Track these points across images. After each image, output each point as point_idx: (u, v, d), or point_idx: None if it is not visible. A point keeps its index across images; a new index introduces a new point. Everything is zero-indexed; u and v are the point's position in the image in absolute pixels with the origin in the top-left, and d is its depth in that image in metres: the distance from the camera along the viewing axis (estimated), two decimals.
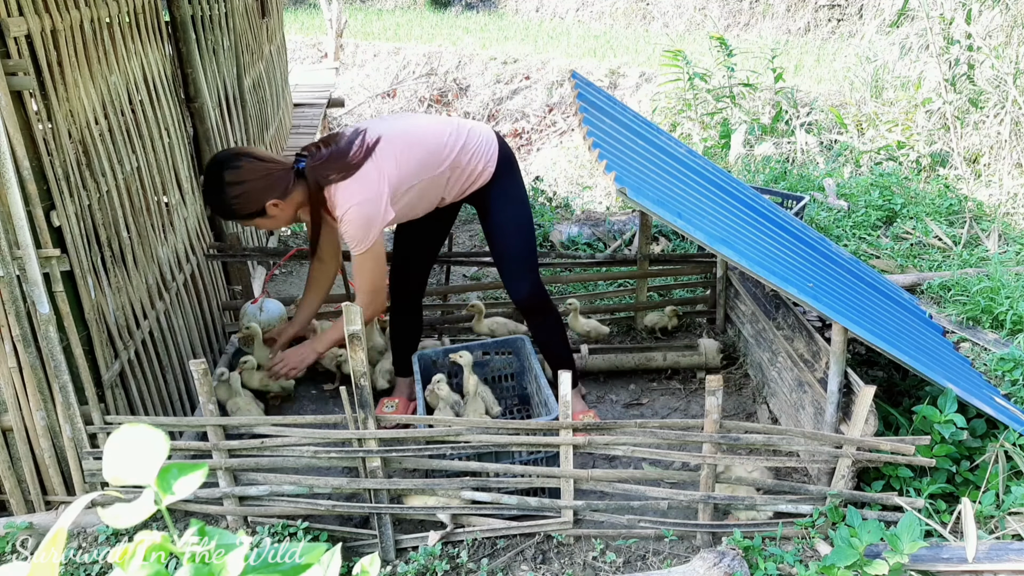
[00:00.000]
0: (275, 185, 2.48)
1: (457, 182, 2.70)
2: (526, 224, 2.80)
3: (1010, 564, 2.09)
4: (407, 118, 2.73)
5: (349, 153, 2.48)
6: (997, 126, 5.91)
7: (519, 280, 2.83)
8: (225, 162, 2.48)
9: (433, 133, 2.63)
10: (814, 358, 2.71)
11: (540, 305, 2.88)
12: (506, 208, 2.77)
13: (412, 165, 2.56)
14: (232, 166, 2.46)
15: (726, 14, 14.08)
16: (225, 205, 2.50)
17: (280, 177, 2.49)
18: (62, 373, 2.39)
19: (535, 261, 2.85)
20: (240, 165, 2.46)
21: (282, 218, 2.58)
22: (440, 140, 2.62)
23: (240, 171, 2.46)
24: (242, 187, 2.46)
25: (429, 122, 2.70)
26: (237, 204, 2.49)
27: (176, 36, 3.64)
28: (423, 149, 2.59)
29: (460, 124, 2.72)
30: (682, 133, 7.40)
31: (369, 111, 12.18)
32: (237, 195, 2.47)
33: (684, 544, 2.41)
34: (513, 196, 2.78)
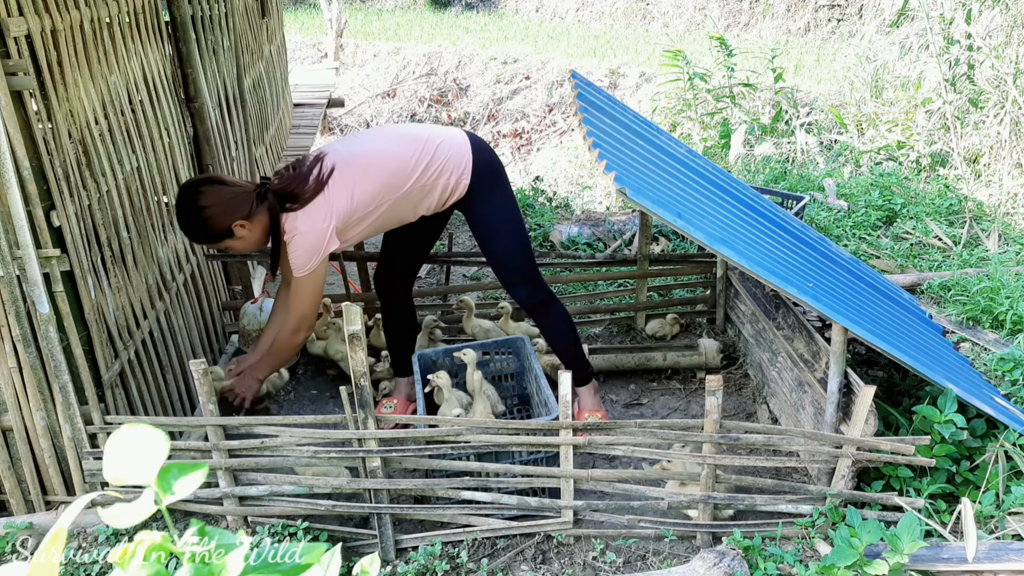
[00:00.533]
0: (239, 207, 2.58)
1: (430, 198, 2.69)
2: (513, 229, 2.76)
3: (1010, 564, 2.09)
4: (371, 140, 2.72)
5: (307, 181, 2.55)
6: (997, 126, 5.90)
7: (516, 285, 2.84)
8: (191, 188, 2.61)
9: (395, 156, 2.61)
10: (814, 358, 2.71)
11: (543, 306, 2.88)
12: (489, 216, 2.74)
13: (368, 192, 2.58)
14: (198, 191, 2.59)
15: (726, 14, 14.08)
16: (195, 228, 2.62)
17: (243, 199, 2.58)
18: (62, 373, 2.39)
19: (531, 264, 2.82)
20: (203, 190, 2.59)
21: (251, 240, 2.65)
22: (402, 163, 2.61)
23: (204, 195, 2.57)
24: (208, 210, 2.56)
25: (392, 144, 2.66)
26: (205, 226, 2.59)
27: (176, 36, 3.64)
28: (383, 174, 2.59)
29: (429, 139, 2.66)
30: (682, 133, 7.40)
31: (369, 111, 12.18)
32: (205, 218, 2.57)
33: (684, 544, 2.41)
34: (496, 204, 2.74)
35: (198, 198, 2.57)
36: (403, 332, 3.14)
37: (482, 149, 2.74)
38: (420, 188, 2.64)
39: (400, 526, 2.51)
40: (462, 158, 2.67)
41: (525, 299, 2.85)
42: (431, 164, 2.63)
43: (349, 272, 4.18)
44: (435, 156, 2.64)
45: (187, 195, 2.60)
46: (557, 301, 2.93)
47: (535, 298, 2.85)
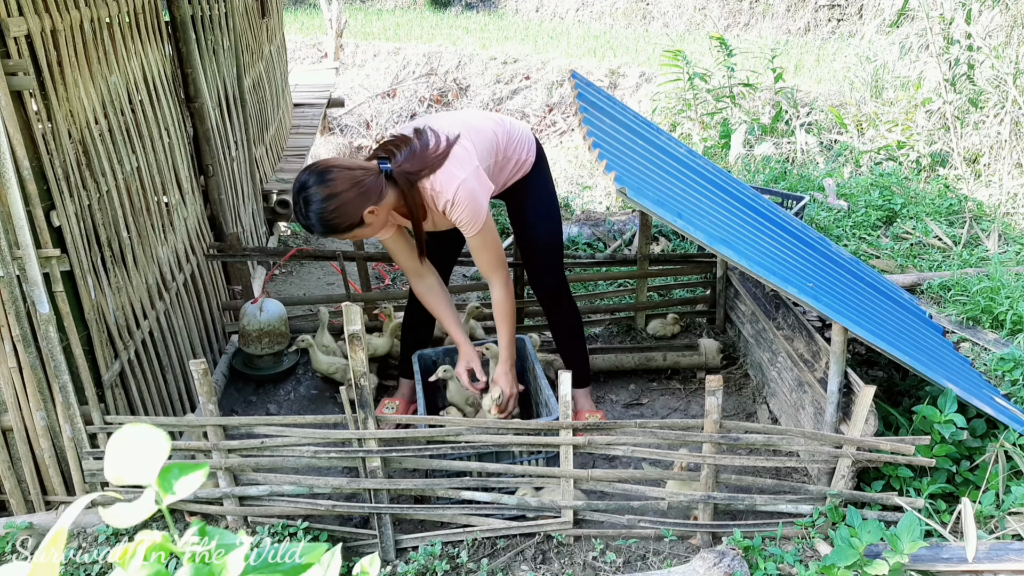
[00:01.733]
0: (369, 192, 2.36)
1: (504, 171, 2.73)
2: (556, 217, 2.86)
3: (1010, 564, 2.09)
4: (456, 113, 2.76)
5: (430, 146, 2.46)
6: (997, 126, 5.90)
7: (547, 272, 2.88)
8: (318, 176, 2.34)
9: (486, 123, 2.68)
10: (814, 358, 2.71)
11: (563, 299, 2.94)
12: (541, 200, 2.82)
13: (483, 148, 2.59)
14: (324, 180, 2.33)
15: (726, 14, 14.08)
16: (323, 222, 2.35)
17: (372, 183, 2.37)
18: (62, 373, 2.39)
19: (561, 256, 2.91)
20: (332, 178, 2.33)
21: (377, 224, 2.45)
22: (493, 128, 2.67)
23: (333, 183, 2.32)
24: (338, 199, 2.32)
25: (476, 114, 2.75)
26: (336, 218, 2.34)
27: (176, 36, 3.64)
28: (485, 134, 2.63)
29: (501, 118, 2.78)
30: (682, 133, 7.39)
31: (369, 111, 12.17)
32: (334, 208, 2.32)
33: (684, 544, 2.41)
34: (546, 190, 2.84)
35: (327, 188, 2.31)
36: (420, 335, 3.13)
37: (537, 139, 2.85)
38: (505, 159, 2.69)
39: (400, 526, 2.51)
40: (529, 137, 2.79)
41: (550, 288, 2.90)
42: (511, 136, 2.70)
43: (349, 272, 4.18)
44: (511, 131, 2.72)
45: (314, 184, 2.32)
46: (574, 302, 3.00)
47: (559, 290, 2.92)
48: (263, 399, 3.33)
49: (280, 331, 3.33)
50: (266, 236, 5.14)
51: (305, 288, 4.80)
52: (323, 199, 2.31)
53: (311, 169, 2.38)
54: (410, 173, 2.42)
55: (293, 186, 2.39)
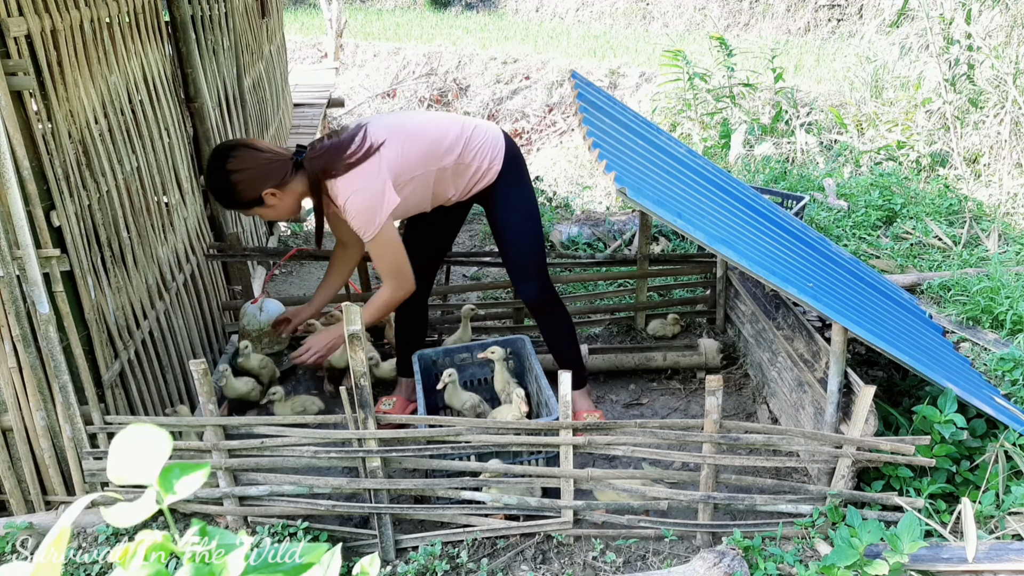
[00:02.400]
0: (272, 174, 2.52)
1: (462, 178, 2.70)
2: (533, 224, 2.80)
3: (1010, 564, 2.09)
4: (411, 113, 2.76)
5: (349, 148, 2.50)
6: (997, 126, 5.91)
7: (528, 280, 2.84)
8: (225, 151, 2.54)
9: (437, 127, 2.66)
10: (814, 358, 2.71)
11: (549, 305, 2.89)
12: (513, 207, 2.78)
13: (415, 155, 2.58)
14: (232, 155, 2.51)
15: (726, 14, 14.08)
16: (225, 192, 2.54)
17: (278, 166, 2.53)
18: (62, 373, 2.39)
19: (543, 261, 2.86)
20: (238, 154, 2.52)
21: (282, 208, 2.60)
22: (443, 133, 2.64)
23: (239, 159, 2.50)
24: (240, 175, 2.50)
25: (432, 117, 2.73)
26: (236, 192, 2.52)
27: (176, 36, 3.64)
28: (426, 139, 2.61)
29: (466, 121, 2.74)
30: (682, 133, 7.40)
31: (369, 111, 12.18)
32: (236, 182, 2.51)
33: (684, 544, 2.41)
34: (520, 195, 2.78)
35: (228, 162, 2.50)
36: (414, 332, 3.13)
37: (510, 142, 2.80)
38: (456, 165, 2.67)
39: (400, 526, 2.51)
40: (496, 145, 2.73)
41: (534, 296, 2.86)
42: (469, 143, 2.67)
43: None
44: (472, 136, 2.69)
45: (218, 159, 2.53)
46: (562, 304, 2.95)
47: (543, 297, 2.87)
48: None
49: None
50: (266, 236, 5.15)
51: (305, 288, 4.80)
52: (226, 172, 2.50)
53: (226, 143, 2.60)
54: (319, 168, 2.52)
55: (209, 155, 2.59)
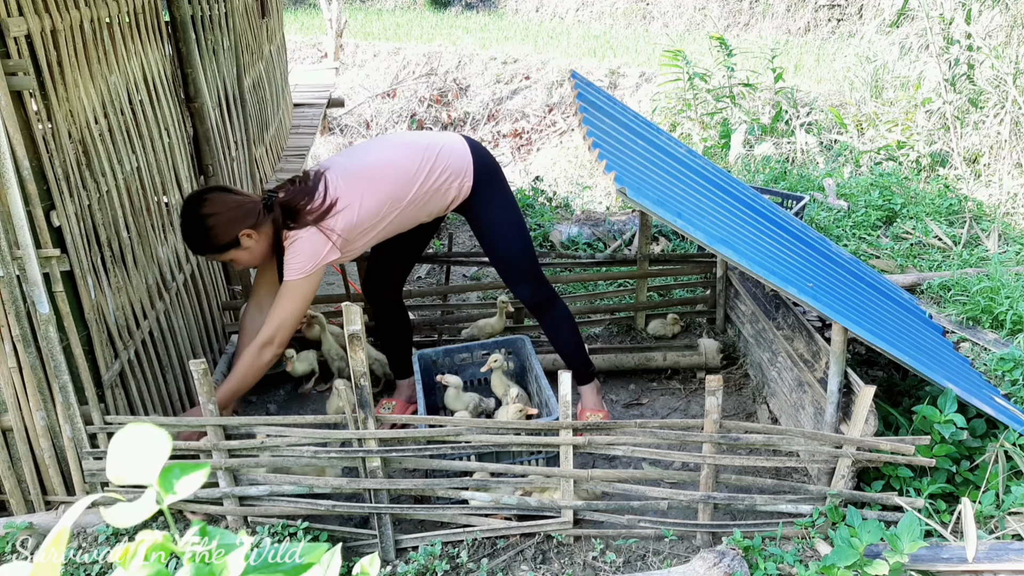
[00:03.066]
0: (246, 215, 2.54)
1: (432, 204, 2.70)
2: (515, 230, 2.79)
3: (1010, 564, 2.09)
4: (374, 151, 2.70)
5: (312, 202, 2.53)
6: (997, 126, 5.91)
7: (520, 284, 2.86)
8: (196, 197, 2.58)
9: (399, 165, 2.62)
10: (814, 358, 2.71)
11: (546, 303, 2.90)
12: (492, 218, 2.77)
13: (374, 204, 2.58)
14: (203, 199, 2.56)
15: (726, 14, 14.08)
16: (200, 237, 2.57)
17: (250, 208, 2.56)
18: (62, 373, 2.38)
19: (533, 262, 2.85)
20: (209, 198, 2.56)
21: (257, 251, 2.61)
22: (407, 171, 2.62)
23: (211, 203, 2.54)
24: (215, 218, 2.52)
25: (395, 153, 2.66)
26: (211, 235, 2.55)
27: (176, 36, 3.64)
28: (388, 184, 2.60)
29: (430, 146, 2.67)
30: (682, 133, 7.39)
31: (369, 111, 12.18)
32: (211, 226, 2.53)
33: (684, 544, 2.41)
34: (498, 205, 2.77)
35: (203, 206, 2.54)
36: (399, 335, 3.14)
37: (480, 153, 2.75)
38: (424, 195, 2.65)
39: (400, 526, 2.51)
40: (463, 163, 2.69)
41: (528, 297, 2.87)
42: (433, 170, 2.64)
43: (349, 272, 4.18)
44: (436, 162, 2.65)
45: (192, 204, 2.56)
46: (560, 300, 2.95)
47: (538, 296, 2.87)
48: (263, 399, 3.33)
49: None
50: None
51: None
52: (200, 217, 2.53)
53: (196, 191, 2.66)
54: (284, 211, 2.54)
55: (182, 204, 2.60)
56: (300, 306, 2.58)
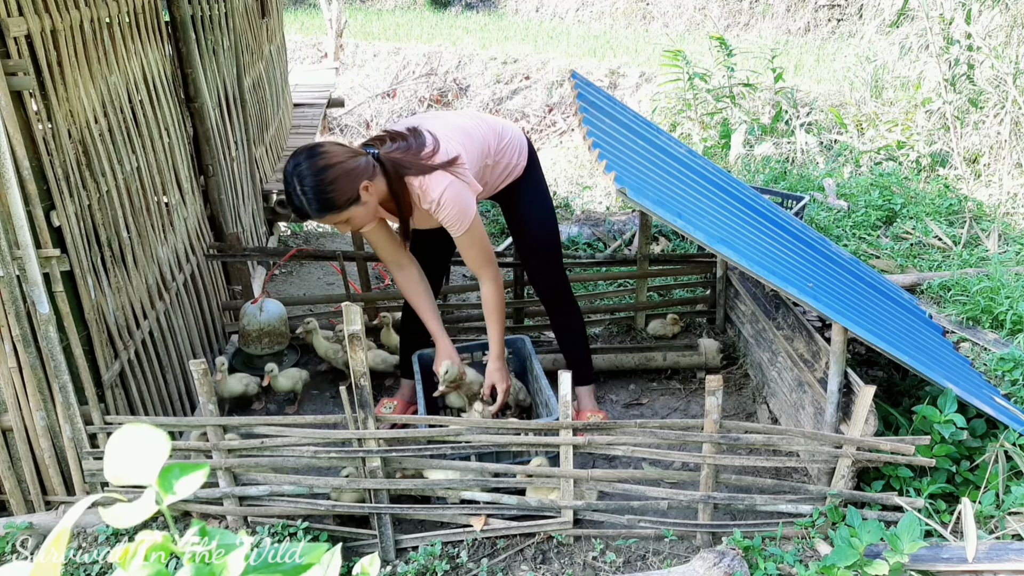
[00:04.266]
0: (363, 166, 2.34)
1: (495, 173, 2.73)
2: (552, 219, 2.86)
3: (1010, 564, 2.09)
4: (453, 114, 2.74)
5: (425, 148, 2.44)
6: (997, 126, 5.90)
7: (546, 274, 2.89)
8: (310, 151, 2.32)
9: (479, 127, 2.67)
10: (814, 358, 2.71)
11: (564, 299, 2.94)
12: (535, 202, 2.82)
13: (474, 153, 2.59)
14: (317, 154, 2.30)
15: (726, 14, 14.08)
16: (320, 195, 2.29)
17: (363, 160, 2.36)
18: (62, 373, 2.38)
19: (560, 254, 2.91)
20: (325, 151, 2.31)
21: (372, 207, 2.41)
22: (485, 133, 2.66)
23: (327, 156, 2.29)
24: (334, 170, 2.28)
25: (471, 117, 2.72)
26: (333, 191, 2.29)
27: (176, 36, 3.64)
28: (477, 139, 2.62)
29: (493, 120, 2.76)
30: (682, 133, 7.39)
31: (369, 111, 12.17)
32: (332, 179, 2.28)
33: (684, 544, 2.41)
34: (540, 191, 2.84)
35: (322, 158, 2.28)
36: (419, 335, 3.13)
37: (530, 141, 2.85)
38: (493, 163, 2.69)
39: (400, 526, 2.51)
40: (522, 143, 2.78)
41: (551, 288, 2.92)
42: (501, 139, 2.70)
43: (349, 272, 4.18)
44: (502, 134, 2.71)
45: (306, 160, 2.29)
46: (575, 299, 3.00)
47: (561, 288, 2.93)
48: (263, 399, 3.33)
49: (280, 331, 3.33)
50: (266, 236, 5.14)
51: (305, 288, 4.80)
52: (319, 170, 2.27)
53: (300, 150, 2.36)
54: (399, 163, 2.40)
55: (285, 170, 2.34)
56: (488, 245, 2.61)
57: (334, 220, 2.39)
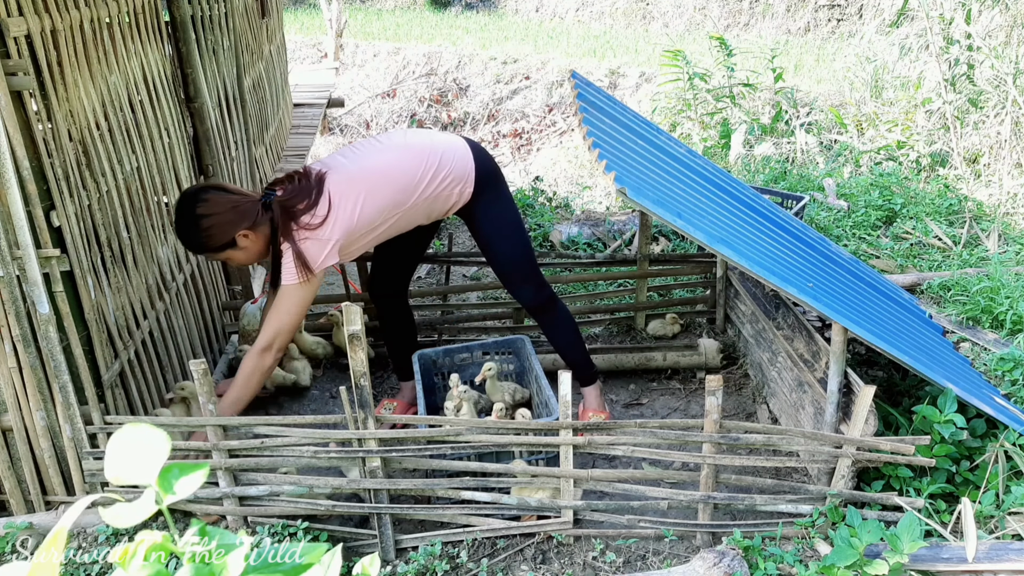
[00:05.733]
0: (244, 216, 2.50)
1: (434, 208, 2.69)
2: (515, 232, 2.78)
3: (1010, 564, 2.09)
4: (377, 153, 2.64)
5: (308, 203, 2.48)
6: (997, 126, 5.91)
7: (519, 287, 2.86)
8: (193, 196, 2.52)
9: (403, 170, 2.58)
10: (814, 358, 2.71)
11: (546, 306, 2.90)
12: (492, 221, 2.76)
13: (375, 208, 2.54)
14: (200, 199, 2.49)
15: (726, 14, 14.08)
16: (196, 237, 2.53)
17: (248, 208, 2.51)
18: (62, 373, 2.38)
19: (533, 265, 2.85)
20: (207, 198, 2.50)
21: (253, 251, 2.58)
22: (410, 176, 2.58)
23: (208, 203, 2.48)
24: (211, 219, 2.48)
25: (399, 157, 2.61)
26: (207, 236, 2.51)
27: (176, 36, 3.64)
28: (390, 189, 2.56)
29: (433, 149, 2.63)
30: (682, 133, 7.39)
31: (369, 111, 12.18)
32: (207, 227, 2.49)
33: (684, 544, 2.41)
34: (498, 208, 2.76)
35: (200, 206, 2.48)
36: (403, 336, 3.14)
37: (482, 156, 2.73)
38: (426, 200, 2.63)
39: (400, 526, 2.51)
40: (466, 168, 2.67)
41: (529, 300, 2.87)
42: (436, 176, 2.62)
43: (349, 272, 4.18)
44: (439, 167, 2.62)
45: (188, 203, 2.50)
46: (560, 302, 2.95)
47: (539, 298, 2.87)
48: (262, 399, 3.33)
49: None
50: None
51: None
52: (196, 217, 2.48)
53: (192, 188, 2.59)
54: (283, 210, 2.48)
55: (176, 203, 2.52)
56: (299, 311, 2.56)
57: (211, 258, 2.66)
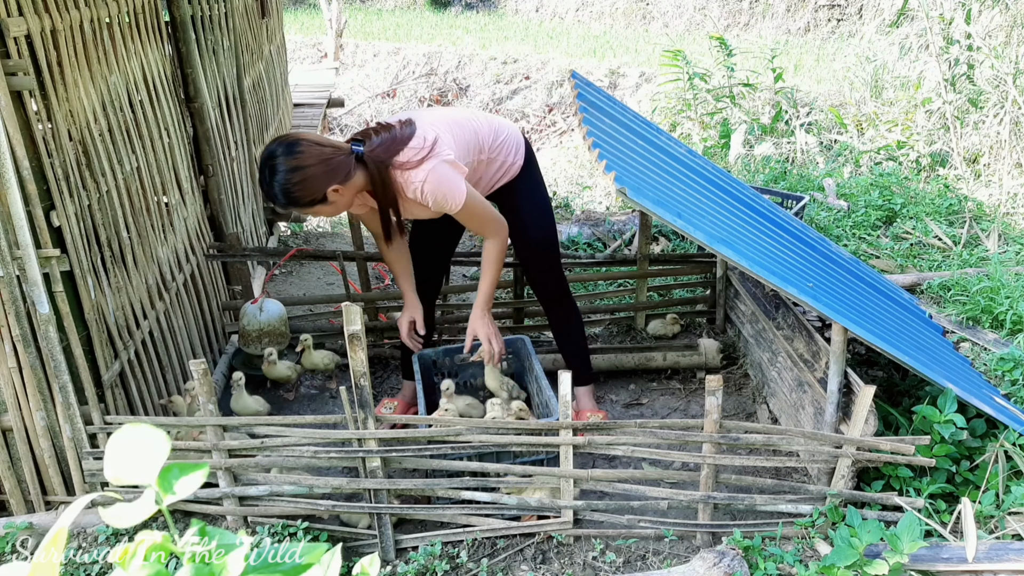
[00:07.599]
0: (336, 170, 2.37)
1: (490, 172, 2.73)
2: (551, 220, 2.86)
3: (1010, 564, 2.09)
4: (448, 109, 2.76)
5: (411, 141, 2.43)
6: (997, 126, 5.90)
7: (544, 274, 2.90)
8: (287, 148, 2.34)
9: (473, 122, 2.67)
10: (814, 358, 2.71)
11: (563, 298, 2.95)
12: (532, 202, 2.82)
13: (463, 145, 2.58)
14: (293, 152, 2.33)
15: (726, 14, 14.08)
16: (285, 192, 2.35)
17: (341, 162, 2.38)
18: (62, 373, 2.38)
19: (558, 255, 2.92)
20: (301, 150, 2.33)
21: (341, 204, 2.45)
22: (479, 128, 2.66)
23: (301, 156, 2.32)
24: (303, 172, 2.32)
25: (466, 113, 2.73)
26: (298, 191, 2.34)
27: (176, 36, 3.64)
28: (469, 132, 2.62)
29: (491, 118, 2.76)
30: (682, 133, 7.39)
31: (369, 111, 12.17)
32: (298, 181, 2.33)
33: (684, 544, 2.41)
34: (539, 191, 2.84)
35: (294, 159, 2.31)
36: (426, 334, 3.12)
37: (527, 141, 2.84)
38: (487, 159, 2.68)
39: (400, 526, 2.51)
40: (519, 142, 2.77)
41: (549, 288, 2.92)
42: (497, 137, 2.70)
43: (349, 272, 4.18)
44: (498, 132, 2.71)
45: (281, 155, 2.33)
46: (574, 299, 3.01)
47: (559, 288, 2.93)
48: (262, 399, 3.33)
49: (280, 331, 3.33)
50: (266, 236, 5.14)
51: (305, 288, 4.80)
52: (288, 170, 2.32)
53: (281, 139, 2.39)
54: (380, 159, 2.42)
55: (262, 154, 2.38)
56: (485, 208, 2.59)
57: (299, 212, 2.52)
